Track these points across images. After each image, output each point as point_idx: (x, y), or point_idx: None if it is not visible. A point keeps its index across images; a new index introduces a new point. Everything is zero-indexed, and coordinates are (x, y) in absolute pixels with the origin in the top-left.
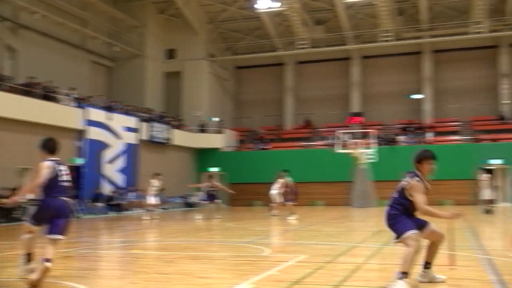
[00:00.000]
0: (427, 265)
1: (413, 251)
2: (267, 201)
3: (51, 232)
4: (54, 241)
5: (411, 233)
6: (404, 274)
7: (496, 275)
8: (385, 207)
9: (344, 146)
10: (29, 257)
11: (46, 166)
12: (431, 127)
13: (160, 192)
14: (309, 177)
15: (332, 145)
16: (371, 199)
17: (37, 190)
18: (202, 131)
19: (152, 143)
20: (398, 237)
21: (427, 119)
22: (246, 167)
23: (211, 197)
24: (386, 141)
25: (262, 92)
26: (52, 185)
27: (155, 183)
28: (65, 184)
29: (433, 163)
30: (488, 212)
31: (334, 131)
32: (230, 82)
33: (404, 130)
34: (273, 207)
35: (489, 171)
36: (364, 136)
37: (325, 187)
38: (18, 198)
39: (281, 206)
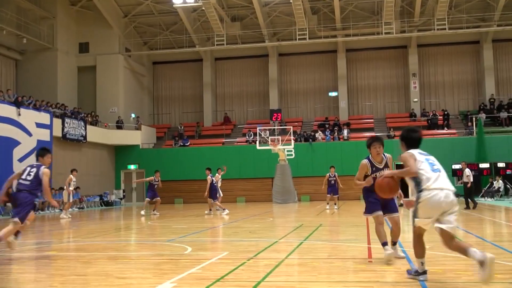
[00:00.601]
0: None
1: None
2: (187, 198)
3: None
4: None
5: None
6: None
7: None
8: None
9: (264, 142)
10: None
11: None
12: (347, 124)
13: (76, 190)
14: (230, 174)
15: (252, 142)
16: (291, 195)
17: None
18: (119, 127)
19: (66, 140)
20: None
21: (343, 116)
22: (166, 164)
23: (154, 193)
24: (305, 138)
25: (181, 88)
26: None
27: (73, 179)
28: None
29: (378, 147)
30: None
31: (254, 128)
32: (147, 78)
33: (322, 127)
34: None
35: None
36: (284, 133)
37: (246, 183)
38: None
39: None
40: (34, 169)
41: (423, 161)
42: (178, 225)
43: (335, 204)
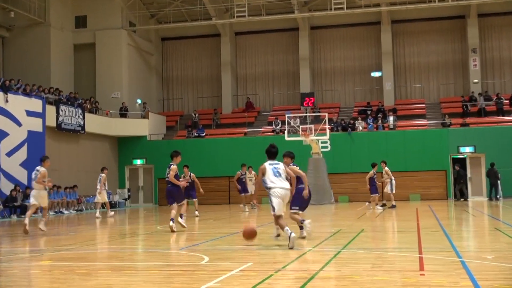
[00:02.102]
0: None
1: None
2: (203, 199)
3: None
4: None
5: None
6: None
7: (472, 281)
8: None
9: (294, 132)
10: None
11: None
12: (393, 110)
13: (73, 189)
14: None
15: (280, 131)
16: (326, 195)
17: None
18: (123, 115)
19: (62, 131)
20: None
21: (389, 101)
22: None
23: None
24: (343, 126)
25: (195, 69)
26: None
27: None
28: None
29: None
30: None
31: (282, 115)
32: (155, 57)
33: (363, 114)
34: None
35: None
36: (317, 121)
37: None
38: None
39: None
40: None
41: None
42: (192, 231)
43: (376, 204)
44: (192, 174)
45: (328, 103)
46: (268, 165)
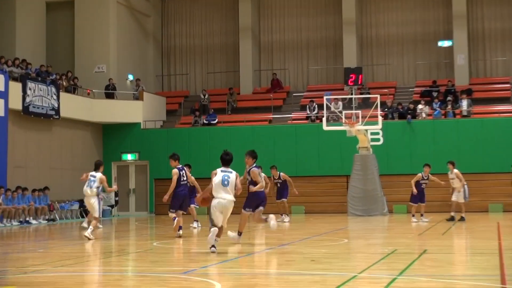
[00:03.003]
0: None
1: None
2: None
3: None
4: None
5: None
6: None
7: None
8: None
9: (336, 120)
10: None
11: None
12: (467, 92)
13: (44, 192)
14: (279, 169)
15: (316, 119)
16: (378, 203)
17: None
18: (110, 96)
19: (29, 115)
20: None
21: (462, 80)
22: (182, 154)
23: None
24: (400, 113)
25: (205, 36)
26: None
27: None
28: None
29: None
30: None
31: (319, 97)
32: (152, 19)
33: (427, 96)
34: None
35: None
36: (366, 105)
37: (306, 184)
38: None
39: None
40: None
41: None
42: (200, 249)
43: (421, 215)
44: (192, 177)
45: (380, 82)
46: (220, 171)
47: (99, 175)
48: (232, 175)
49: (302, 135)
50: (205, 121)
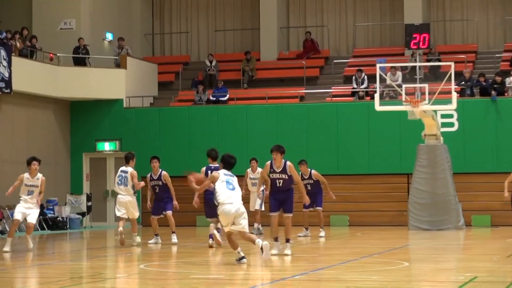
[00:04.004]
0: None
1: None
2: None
3: None
4: None
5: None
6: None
7: None
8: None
9: (392, 97)
10: None
11: None
12: None
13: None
14: (316, 166)
15: (364, 94)
16: (450, 213)
17: None
18: (80, 62)
19: None
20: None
21: None
22: (179, 142)
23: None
24: (482, 88)
25: None
26: None
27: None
28: None
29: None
30: None
31: (370, 66)
32: None
33: None
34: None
35: None
36: (435, 76)
37: (350, 186)
38: None
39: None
40: None
41: (223, 180)
42: (200, 271)
43: None
44: (164, 172)
45: (455, 44)
46: (223, 175)
47: (130, 169)
48: (235, 180)
49: (345, 117)
50: (211, 98)
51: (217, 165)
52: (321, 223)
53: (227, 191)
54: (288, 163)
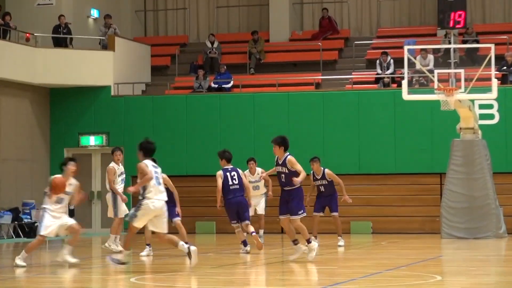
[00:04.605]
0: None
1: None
2: (225, 221)
3: None
4: None
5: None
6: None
7: None
8: None
9: (423, 85)
10: None
11: None
12: None
13: None
14: (332, 162)
15: (389, 82)
16: (489, 218)
17: None
18: (60, 43)
19: None
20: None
21: None
22: (177, 137)
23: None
24: None
25: None
26: None
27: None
28: None
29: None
30: None
31: (396, 48)
32: None
33: None
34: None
35: None
36: (474, 61)
37: (374, 188)
38: None
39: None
40: None
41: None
42: (204, 286)
43: None
44: (163, 175)
45: (495, 24)
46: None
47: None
48: (160, 171)
49: (368, 108)
50: (213, 85)
51: (232, 166)
52: (339, 230)
53: (156, 186)
54: (289, 156)
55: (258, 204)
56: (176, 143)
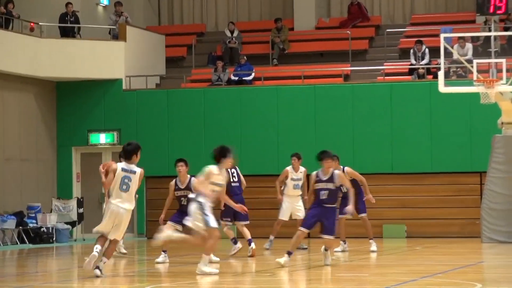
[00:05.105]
0: None
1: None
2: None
3: None
4: None
5: None
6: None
7: None
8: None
9: (461, 76)
10: None
11: None
12: None
13: None
14: (363, 161)
15: (424, 73)
16: None
17: None
18: (68, 33)
19: None
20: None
21: None
22: (194, 131)
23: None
24: None
25: None
26: None
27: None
28: None
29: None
30: None
31: (432, 36)
32: None
33: None
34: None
35: None
36: None
37: (408, 189)
38: None
39: None
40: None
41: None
42: None
43: None
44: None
45: None
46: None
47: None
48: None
49: (401, 101)
50: (233, 77)
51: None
52: (370, 233)
53: (120, 192)
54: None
55: (295, 207)
56: (192, 140)
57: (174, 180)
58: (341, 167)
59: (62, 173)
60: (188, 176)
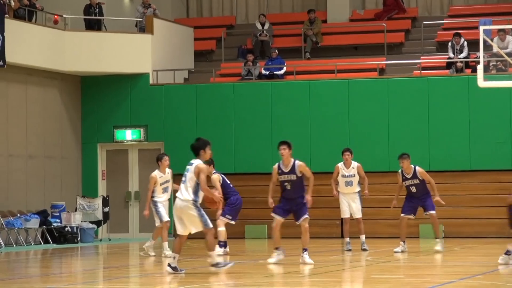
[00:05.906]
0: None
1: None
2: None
3: None
4: None
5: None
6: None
7: None
8: None
9: (501, 69)
10: None
11: None
12: None
13: None
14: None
15: (462, 67)
16: None
17: None
18: (93, 26)
19: None
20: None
21: None
22: (223, 128)
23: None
24: None
25: None
26: None
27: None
28: None
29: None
30: None
31: (471, 29)
32: None
33: None
34: None
35: None
36: None
37: (445, 188)
38: None
39: None
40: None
41: None
42: None
43: None
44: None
45: None
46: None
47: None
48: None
49: (439, 96)
50: (264, 71)
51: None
52: (437, 231)
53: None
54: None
55: (351, 205)
56: (222, 137)
57: (277, 164)
58: (412, 166)
59: (87, 170)
60: (292, 159)
